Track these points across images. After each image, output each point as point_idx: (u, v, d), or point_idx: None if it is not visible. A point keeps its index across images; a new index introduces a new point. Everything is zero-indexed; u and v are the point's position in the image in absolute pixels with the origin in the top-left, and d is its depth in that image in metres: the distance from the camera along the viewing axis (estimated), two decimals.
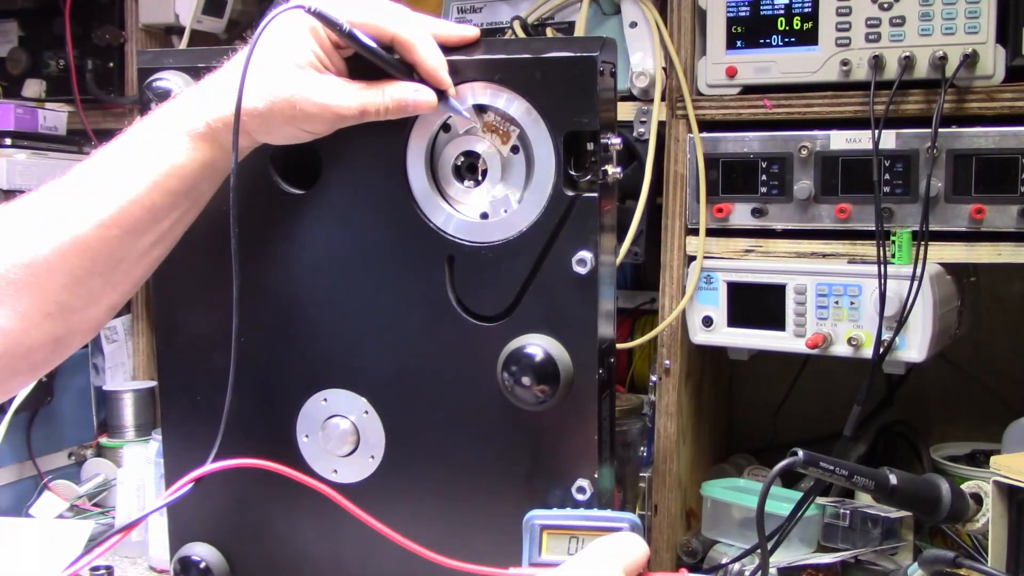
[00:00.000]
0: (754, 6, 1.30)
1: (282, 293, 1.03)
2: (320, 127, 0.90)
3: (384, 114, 0.91)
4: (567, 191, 0.93)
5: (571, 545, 0.91)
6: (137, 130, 0.90)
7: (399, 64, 0.90)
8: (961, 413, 1.50)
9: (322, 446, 1.03)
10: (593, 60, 0.90)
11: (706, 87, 1.34)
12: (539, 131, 0.93)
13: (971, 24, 1.19)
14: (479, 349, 0.95)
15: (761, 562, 1.10)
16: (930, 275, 1.21)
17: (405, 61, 0.90)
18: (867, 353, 1.24)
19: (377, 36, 0.88)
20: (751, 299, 1.32)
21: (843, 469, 1.02)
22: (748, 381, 1.60)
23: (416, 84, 0.90)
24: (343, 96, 0.89)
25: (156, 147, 0.88)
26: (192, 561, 1.08)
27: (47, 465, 1.64)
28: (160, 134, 0.89)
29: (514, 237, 0.95)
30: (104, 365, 1.74)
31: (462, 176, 0.97)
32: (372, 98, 0.90)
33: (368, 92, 0.90)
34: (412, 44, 0.89)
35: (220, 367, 0.99)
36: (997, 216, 1.20)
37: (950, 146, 1.21)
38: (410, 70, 0.90)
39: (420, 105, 0.91)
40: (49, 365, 0.92)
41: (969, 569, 1.03)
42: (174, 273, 1.02)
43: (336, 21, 0.86)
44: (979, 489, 1.12)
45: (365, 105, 0.90)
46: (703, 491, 1.38)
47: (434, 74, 0.90)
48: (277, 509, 1.07)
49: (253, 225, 0.98)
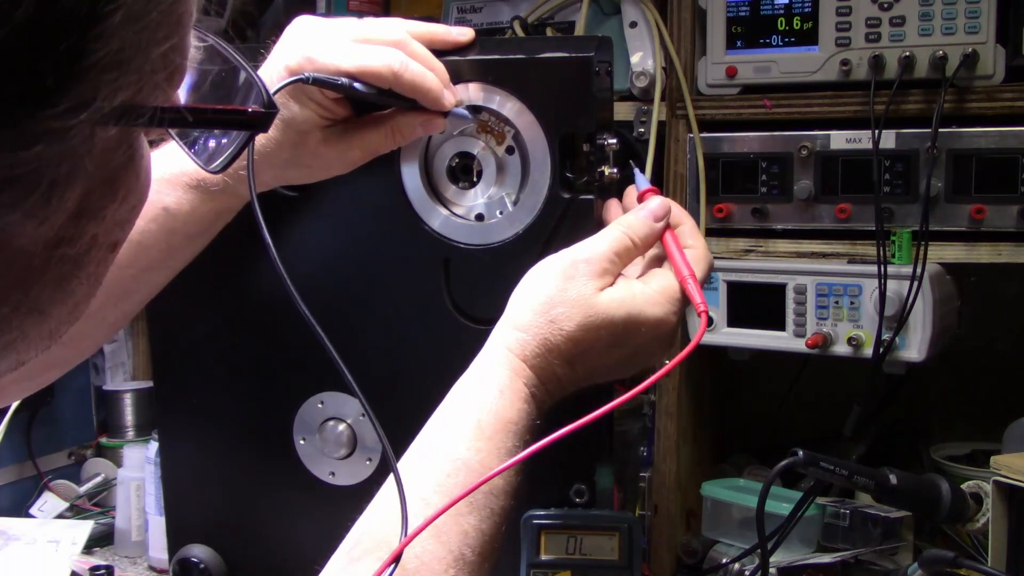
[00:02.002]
0: (754, 6, 1.30)
1: (278, 296, 1.03)
2: (334, 174, 0.92)
3: (396, 147, 0.92)
4: (563, 193, 0.92)
5: (569, 544, 0.91)
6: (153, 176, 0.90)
7: (402, 100, 0.88)
8: (961, 413, 1.49)
9: (319, 449, 1.03)
10: (588, 60, 0.90)
11: (706, 87, 1.33)
12: (534, 132, 0.92)
13: (971, 24, 1.18)
14: (476, 352, 0.95)
15: (761, 562, 1.09)
16: (930, 275, 1.20)
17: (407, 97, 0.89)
18: (867, 353, 1.23)
19: (375, 81, 0.86)
20: (751, 299, 1.32)
21: (843, 469, 1.02)
22: (748, 381, 1.60)
23: (422, 116, 0.90)
24: (354, 147, 0.90)
25: (175, 196, 0.90)
26: (191, 562, 1.09)
27: (47, 465, 1.64)
28: (179, 191, 0.90)
29: (510, 239, 0.95)
30: (104, 365, 1.74)
31: (457, 178, 0.97)
32: (382, 141, 0.90)
33: (377, 136, 0.90)
34: (414, 85, 0.87)
35: (216, 369, 0.99)
36: (997, 216, 1.19)
37: (950, 146, 1.21)
38: (413, 102, 0.89)
39: (430, 130, 0.91)
40: (52, 380, 0.93)
41: (969, 569, 1.03)
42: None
43: (335, 83, 0.85)
44: (979, 489, 1.12)
45: (376, 148, 0.91)
46: (703, 491, 1.38)
47: (438, 102, 0.89)
48: (276, 511, 1.07)
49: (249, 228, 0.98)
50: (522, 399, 0.75)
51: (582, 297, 0.77)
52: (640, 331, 0.80)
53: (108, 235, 0.45)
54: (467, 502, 0.69)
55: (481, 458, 0.72)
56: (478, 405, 0.74)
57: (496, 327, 0.79)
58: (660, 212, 0.85)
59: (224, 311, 1.07)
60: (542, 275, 0.80)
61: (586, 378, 0.81)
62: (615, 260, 0.81)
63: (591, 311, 0.77)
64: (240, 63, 0.54)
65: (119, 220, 0.45)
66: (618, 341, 0.79)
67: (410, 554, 0.67)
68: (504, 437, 0.73)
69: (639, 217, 0.84)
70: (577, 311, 0.77)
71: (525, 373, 0.76)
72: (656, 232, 0.85)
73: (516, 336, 0.77)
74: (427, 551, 0.67)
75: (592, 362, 0.79)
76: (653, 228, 0.84)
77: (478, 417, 0.73)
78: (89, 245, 0.44)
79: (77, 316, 0.47)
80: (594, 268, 0.79)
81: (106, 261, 0.47)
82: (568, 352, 0.77)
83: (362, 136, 0.89)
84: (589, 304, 0.77)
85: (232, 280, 1.05)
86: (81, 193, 0.41)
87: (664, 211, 0.85)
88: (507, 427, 0.73)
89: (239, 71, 0.54)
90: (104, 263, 0.46)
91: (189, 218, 0.90)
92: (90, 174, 0.41)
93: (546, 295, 0.78)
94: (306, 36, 0.87)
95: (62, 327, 0.47)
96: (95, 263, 0.45)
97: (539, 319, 0.77)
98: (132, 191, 0.45)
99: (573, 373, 0.78)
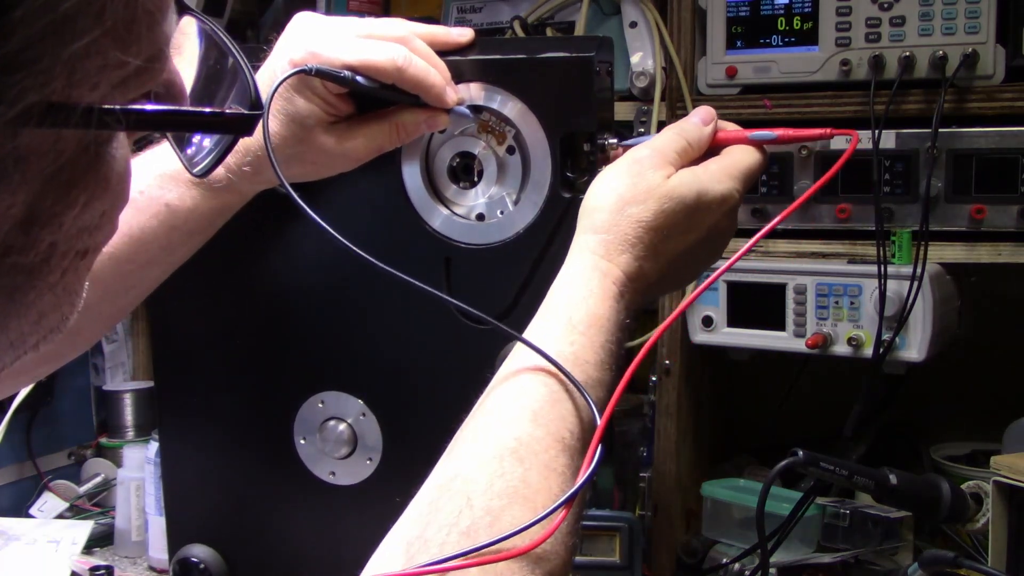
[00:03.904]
0: (754, 6, 1.30)
1: (278, 296, 1.03)
2: (338, 171, 0.92)
3: (400, 144, 0.92)
4: (564, 192, 0.93)
5: None
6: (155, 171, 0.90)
7: (405, 96, 0.89)
8: (961, 413, 1.49)
9: (319, 449, 1.03)
10: (589, 60, 0.90)
11: (706, 87, 1.33)
12: (535, 132, 0.92)
13: (971, 24, 1.18)
14: (476, 351, 0.95)
15: (761, 562, 1.09)
16: (930, 275, 1.21)
17: (410, 92, 0.89)
18: (867, 353, 1.23)
19: (378, 75, 0.87)
20: (751, 299, 1.32)
21: (843, 469, 1.02)
22: (748, 381, 1.60)
23: (426, 112, 0.90)
24: (358, 144, 0.90)
25: (177, 192, 0.90)
26: (191, 563, 1.09)
27: (47, 465, 1.64)
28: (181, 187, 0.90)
29: (511, 239, 0.95)
30: (104, 365, 1.74)
31: (458, 177, 0.97)
32: (386, 138, 0.90)
33: (381, 132, 0.90)
34: (417, 80, 0.88)
35: (216, 369, 0.99)
36: (997, 216, 1.19)
37: (950, 146, 1.21)
38: (416, 97, 0.89)
39: (433, 127, 0.92)
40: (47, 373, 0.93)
41: (969, 569, 1.03)
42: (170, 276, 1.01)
43: (338, 75, 0.85)
44: (979, 489, 1.12)
45: (381, 145, 0.91)
46: (703, 491, 1.38)
47: (441, 99, 0.89)
48: (275, 511, 1.07)
49: (249, 227, 0.98)
50: (612, 297, 0.76)
51: (653, 185, 0.79)
52: (711, 208, 0.82)
53: (72, 243, 0.43)
54: (564, 388, 0.70)
55: (575, 350, 0.72)
56: (568, 305, 0.75)
57: (575, 237, 0.80)
58: (708, 117, 0.87)
59: (224, 311, 1.07)
60: (609, 179, 0.81)
61: (673, 268, 0.82)
62: (674, 156, 0.83)
63: (663, 196, 0.79)
64: (231, 50, 0.51)
65: (85, 227, 0.43)
66: (693, 223, 0.81)
67: (509, 436, 0.67)
68: (596, 332, 0.74)
69: (690, 122, 0.87)
70: (651, 200, 0.79)
71: (613, 272, 0.77)
72: (707, 136, 0.87)
73: (597, 238, 0.78)
74: (526, 433, 0.67)
75: (673, 248, 0.81)
76: (703, 132, 0.86)
77: (569, 315, 0.74)
78: (47, 254, 0.42)
79: (48, 327, 0.45)
80: (656, 160, 0.81)
81: (75, 270, 0.44)
82: (650, 242, 0.79)
83: (366, 132, 0.89)
84: (660, 191, 0.79)
85: (232, 280, 1.05)
86: (25, 199, 0.39)
87: (711, 116, 0.88)
88: (599, 322, 0.74)
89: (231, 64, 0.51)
90: (74, 271, 0.44)
91: (190, 215, 0.90)
92: (27, 180, 0.39)
93: (617, 193, 0.79)
94: (309, 30, 0.87)
95: (27, 339, 0.45)
96: (58, 272, 0.43)
97: (616, 217, 0.78)
98: (97, 196, 0.42)
99: (656, 264, 0.80)
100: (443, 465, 0.68)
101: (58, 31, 0.36)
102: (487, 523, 0.62)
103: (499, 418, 0.69)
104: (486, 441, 0.67)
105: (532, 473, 0.65)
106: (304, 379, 1.04)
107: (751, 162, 0.86)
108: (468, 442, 0.69)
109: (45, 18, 0.36)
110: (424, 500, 0.66)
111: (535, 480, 0.65)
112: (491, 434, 0.67)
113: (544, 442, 0.67)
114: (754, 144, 0.87)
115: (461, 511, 0.62)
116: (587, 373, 0.72)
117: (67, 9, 0.36)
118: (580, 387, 0.69)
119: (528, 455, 0.66)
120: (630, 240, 0.78)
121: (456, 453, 0.68)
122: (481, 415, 0.70)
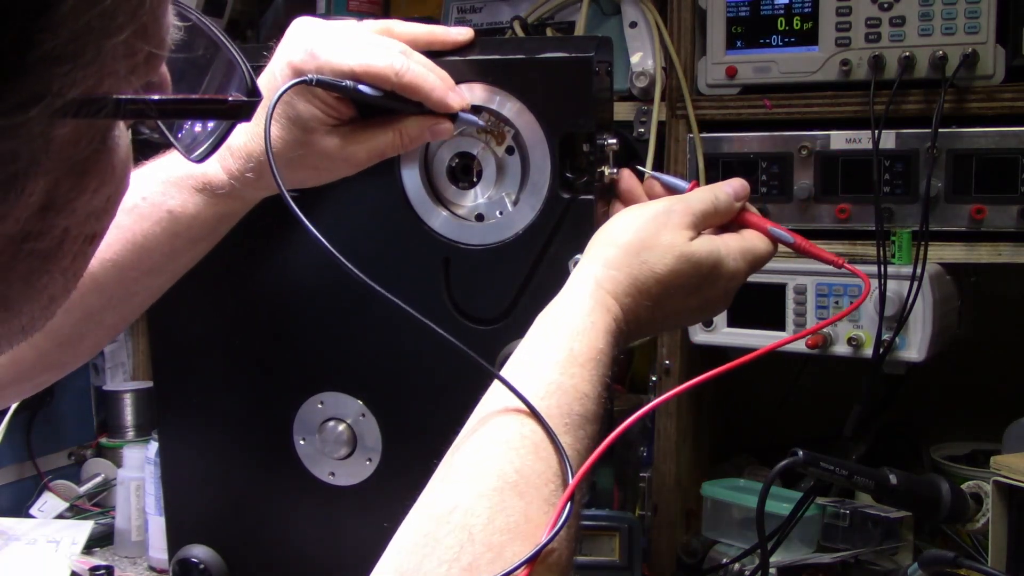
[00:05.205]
0: (754, 6, 1.30)
1: (278, 296, 1.03)
2: (341, 175, 0.92)
3: (403, 151, 0.92)
4: (563, 193, 0.92)
5: None
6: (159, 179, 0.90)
7: (409, 105, 0.88)
8: (961, 413, 1.49)
9: (319, 449, 1.03)
10: (588, 60, 0.90)
11: (706, 87, 1.33)
12: (534, 132, 0.92)
13: (971, 24, 1.18)
14: (476, 352, 0.95)
15: (761, 562, 1.09)
16: (930, 275, 1.21)
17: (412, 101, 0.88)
18: (867, 353, 1.23)
19: (377, 80, 0.86)
20: (751, 299, 1.31)
21: (843, 469, 1.02)
22: (748, 381, 1.60)
23: (430, 120, 0.89)
24: (361, 148, 0.89)
25: (180, 199, 0.90)
26: (191, 563, 1.09)
27: (47, 465, 1.64)
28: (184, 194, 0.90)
29: (510, 239, 0.95)
30: (104, 365, 1.74)
31: (457, 178, 0.97)
32: (389, 143, 0.90)
33: (384, 137, 0.90)
34: (416, 85, 0.87)
35: (216, 369, 0.99)
36: (997, 216, 1.20)
37: (950, 146, 1.21)
38: (420, 106, 0.88)
39: (437, 136, 0.92)
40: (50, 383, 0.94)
41: (969, 569, 1.03)
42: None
43: (340, 85, 0.84)
44: (979, 489, 1.12)
45: (384, 150, 0.90)
46: (703, 491, 1.38)
47: (444, 103, 0.89)
48: (275, 511, 1.07)
49: (249, 228, 0.98)
50: (611, 333, 0.77)
51: (676, 242, 0.81)
52: (719, 282, 0.84)
53: (82, 228, 0.44)
54: (563, 423, 0.71)
55: (575, 383, 0.73)
56: (570, 336, 0.75)
57: (582, 264, 0.81)
58: (742, 192, 0.89)
59: (224, 311, 1.07)
60: (634, 218, 0.83)
61: (663, 320, 0.84)
62: (701, 219, 0.85)
63: (682, 256, 0.81)
64: (223, 41, 0.52)
65: (93, 212, 0.44)
66: (699, 288, 0.83)
67: (510, 468, 0.67)
68: (595, 365, 0.74)
69: (724, 192, 0.88)
70: (670, 255, 0.80)
71: (614, 309, 0.78)
72: (734, 211, 0.89)
73: (607, 273, 0.79)
74: (527, 466, 0.67)
75: (674, 305, 0.82)
76: (733, 206, 0.88)
77: (571, 346, 0.74)
78: (60, 239, 0.43)
79: (53, 311, 0.46)
80: (686, 220, 0.83)
81: (84, 254, 0.46)
82: (656, 293, 0.80)
83: (369, 137, 0.89)
84: (681, 249, 0.81)
85: (232, 280, 1.05)
86: (46, 187, 0.40)
87: (745, 192, 0.90)
88: (598, 356, 0.75)
89: (223, 55, 0.52)
90: (82, 256, 0.45)
91: (193, 221, 0.90)
92: (52, 168, 0.40)
93: (639, 237, 0.81)
94: (309, 34, 0.87)
95: (36, 322, 0.46)
96: (69, 257, 0.44)
97: (631, 259, 0.80)
98: (105, 182, 0.44)
99: (654, 315, 0.81)
100: (439, 492, 0.67)
101: (103, 25, 0.38)
102: (488, 559, 0.62)
103: (499, 447, 0.68)
104: (487, 471, 0.67)
105: (533, 508, 0.65)
106: (303, 379, 1.04)
107: (764, 252, 0.88)
108: (466, 468, 0.68)
109: (91, 12, 0.37)
110: (419, 530, 0.65)
111: (536, 516, 0.65)
112: (491, 464, 0.67)
113: (544, 476, 0.67)
114: (770, 237, 0.89)
115: (463, 546, 0.62)
116: (585, 407, 0.72)
117: (108, 5, 0.37)
118: (554, 436, 0.69)
119: (529, 489, 0.66)
120: (638, 286, 0.80)
121: (453, 479, 0.68)
122: (479, 441, 0.70)
